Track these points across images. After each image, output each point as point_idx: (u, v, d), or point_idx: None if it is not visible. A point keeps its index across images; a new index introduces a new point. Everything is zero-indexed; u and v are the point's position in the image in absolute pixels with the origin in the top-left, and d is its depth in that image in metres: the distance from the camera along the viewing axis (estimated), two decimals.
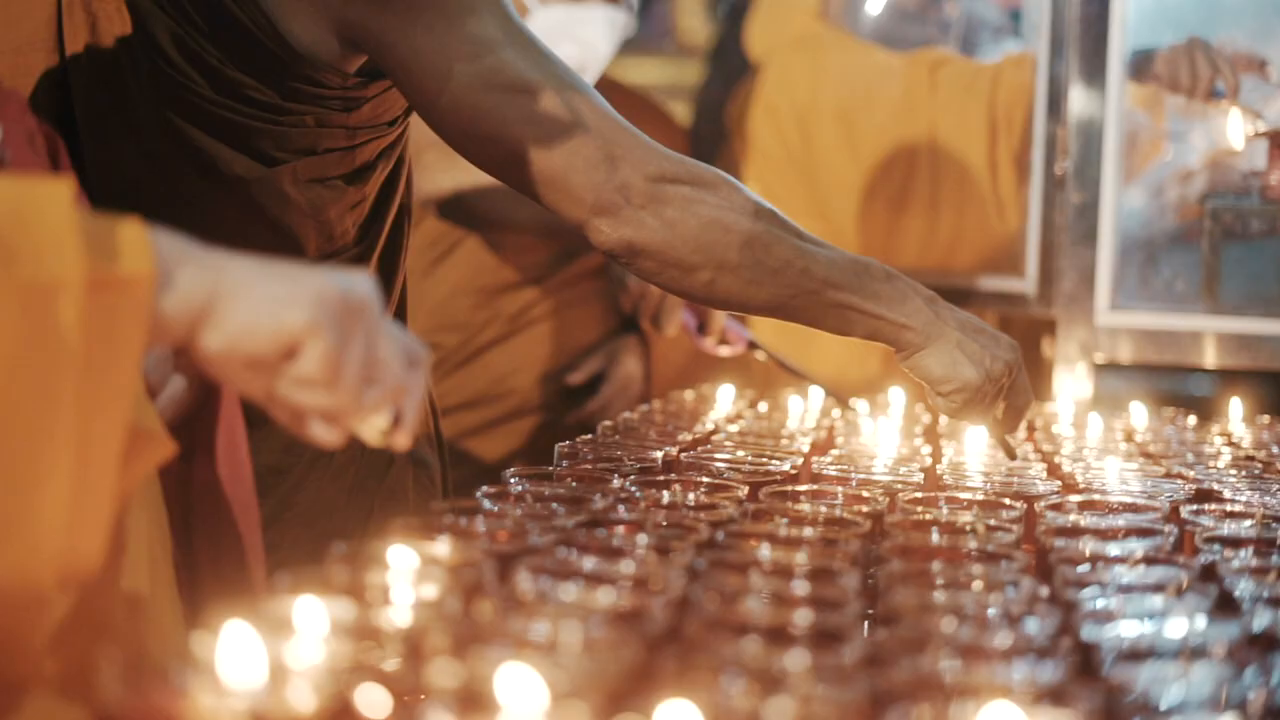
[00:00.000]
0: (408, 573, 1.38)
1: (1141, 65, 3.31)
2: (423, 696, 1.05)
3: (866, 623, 1.39)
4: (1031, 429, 2.62)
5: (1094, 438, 2.54)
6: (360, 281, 1.29)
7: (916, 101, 3.66)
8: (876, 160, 3.68)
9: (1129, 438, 2.59)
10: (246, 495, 1.69)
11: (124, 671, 1.00)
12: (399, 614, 1.25)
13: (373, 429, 1.32)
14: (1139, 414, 2.75)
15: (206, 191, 1.97)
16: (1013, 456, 2.18)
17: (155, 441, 1.31)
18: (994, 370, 2.06)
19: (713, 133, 3.92)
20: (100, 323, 1.16)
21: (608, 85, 3.52)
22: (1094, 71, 3.30)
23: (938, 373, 2.05)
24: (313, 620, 1.19)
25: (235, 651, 1.05)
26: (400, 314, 2.24)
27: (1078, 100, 3.32)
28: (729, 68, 3.97)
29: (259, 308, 1.23)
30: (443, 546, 1.46)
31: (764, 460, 2.11)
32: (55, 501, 1.16)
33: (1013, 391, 2.12)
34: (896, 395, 2.76)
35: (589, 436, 2.30)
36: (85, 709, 1.27)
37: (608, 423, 2.46)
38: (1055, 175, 3.37)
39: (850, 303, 1.99)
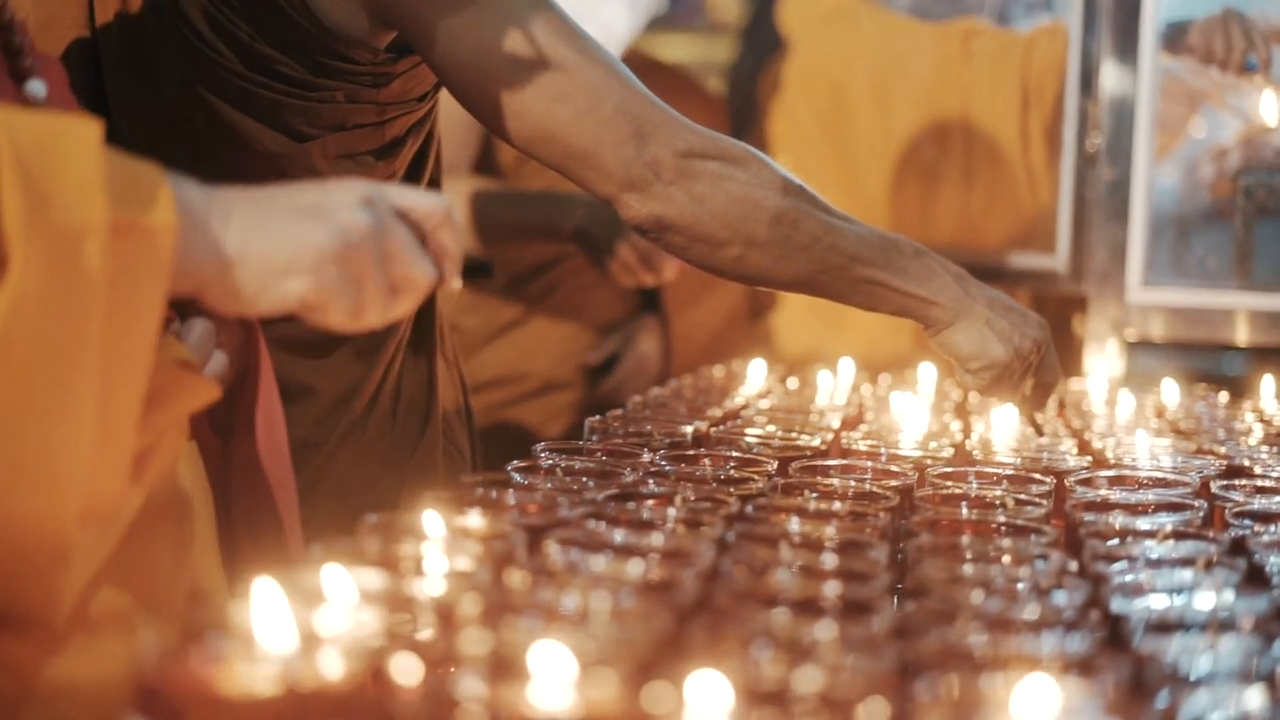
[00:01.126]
0: (439, 544, 1.39)
1: (1174, 36, 3.29)
2: (453, 668, 1.05)
3: (896, 596, 1.39)
4: (1062, 405, 2.62)
5: (1125, 414, 2.54)
6: (355, 215, 1.31)
7: (949, 73, 3.64)
8: (909, 133, 3.67)
9: (1160, 414, 2.59)
10: (284, 471, 1.70)
11: (160, 636, 1.01)
12: (430, 584, 1.26)
13: (419, 291, 1.37)
14: (1171, 391, 2.74)
15: (237, 166, 1.98)
16: (1040, 433, 2.18)
17: (198, 384, 1.33)
18: (1022, 347, 2.06)
19: (745, 108, 3.92)
20: (123, 268, 1.18)
21: (647, 63, 3.53)
22: (1126, 47, 3.29)
23: (966, 350, 2.05)
24: (345, 590, 1.20)
25: (269, 619, 1.06)
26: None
27: (1110, 76, 3.31)
28: (761, 43, 3.97)
29: (264, 277, 1.26)
30: (474, 518, 1.47)
31: (793, 435, 2.12)
32: (79, 442, 1.18)
33: (1041, 369, 2.12)
34: (927, 371, 2.76)
35: (619, 412, 2.31)
36: (126, 650, 1.29)
37: (638, 398, 2.47)
38: (1087, 151, 3.36)
39: (878, 279, 1.99)
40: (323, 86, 1.95)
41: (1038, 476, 1.82)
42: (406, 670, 1.02)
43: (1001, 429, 2.26)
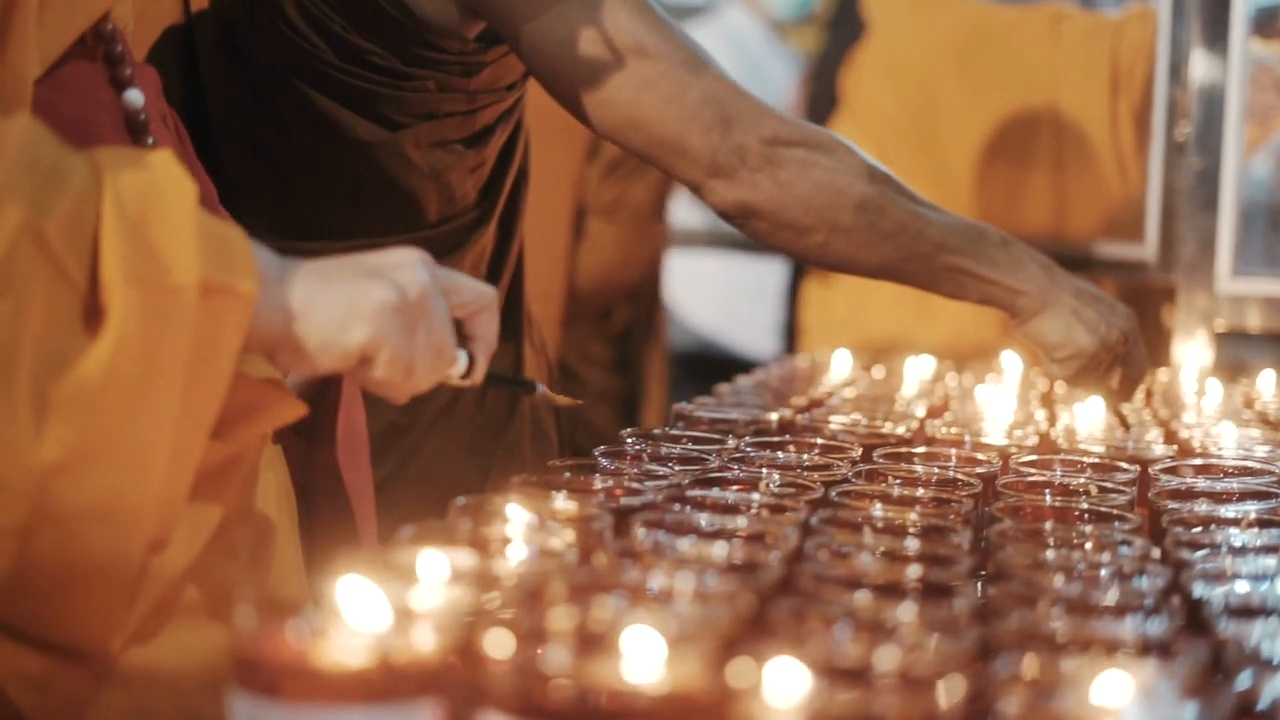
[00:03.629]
0: (527, 525, 1.41)
1: (1265, 22, 3.26)
2: (539, 650, 1.07)
3: (979, 582, 1.40)
4: (1150, 396, 2.61)
5: (1212, 404, 2.53)
6: (412, 274, 1.36)
7: (1037, 57, 3.63)
8: (996, 119, 3.65)
9: (1248, 404, 2.57)
10: (363, 480, 1.74)
11: (258, 610, 1.04)
12: (518, 564, 1.29)
13: (450, 379, 1.44)
14: (1267, 382, 2.72)
15: (330, 155, 2.01)
16: (1127, 426, 2.18)
17: (286, 402, 1.37)
18: (1109, 337, 2.06)
19: (829, 97, 3.92)
20: (207, 328, 1.23)
21: None
22: (1216, 35, 3.26)
23: (1053, 339, 2.05)
24: (435, 569, 1.23)
25: (361, 596, 1.08)
26: (517, 274, 2.27)
27: (1199, 65, 3.29)
28: (845, 32, 3.97)
29: (327, 329, 1.31)
30: (561, 501, 1.50)
31: (878, 423, 2.13)
32: (150, 487, 1.24)
33: (1129, 360, 2.12)
34: (1012, 361, 2.76)
35: (705, 399, 2.33)
36: (214, 639, 1.33)
37: (724, 387, 2.48)
38: (1176, 140, 3.33)
39: (964, 267, 1.99)
40: (414, 76, 1.98)
41: (1122, 465, 1.82)
42: (496, 645, 1.04)
43: (1087, 419, 2.26)
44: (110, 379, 1.19)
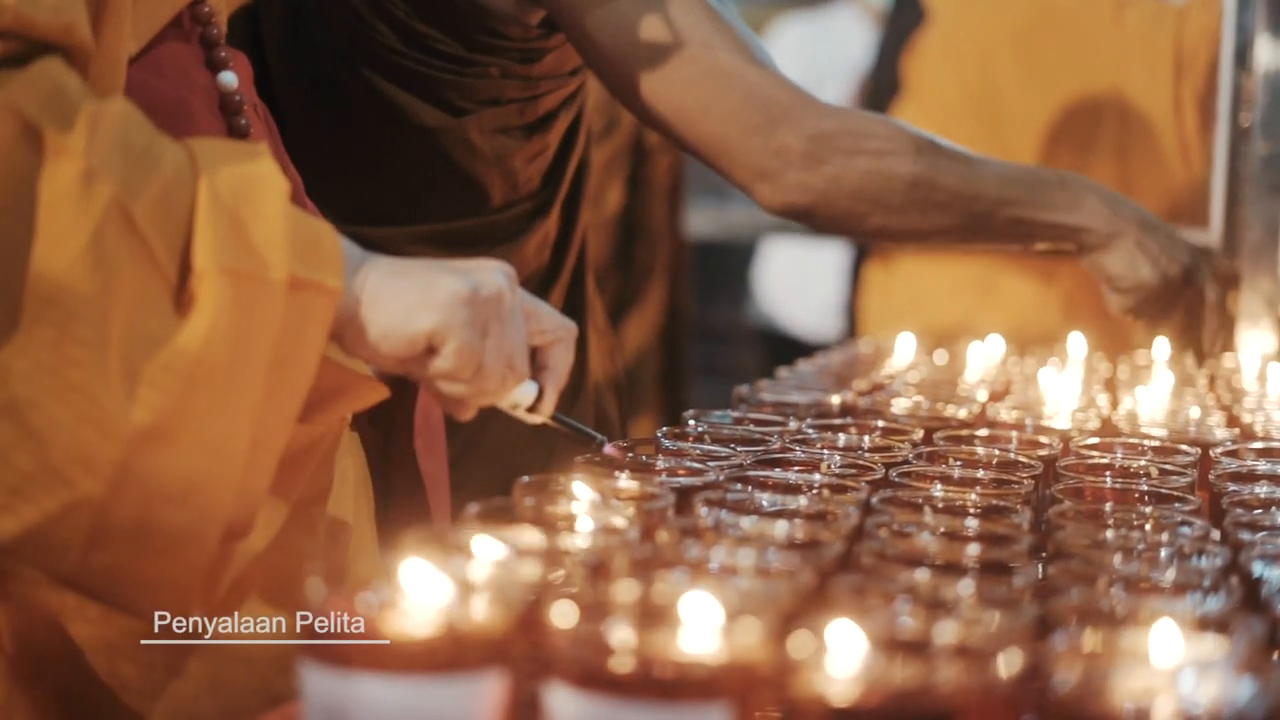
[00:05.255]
0: (591, 503, 1.43)
1: None
2: (605, 617, 1.09)
3: (1039, 564, 1.41)
4: (1213, 380, 2.60)
5: (1277, 390, 2.51)
6: (491, 276, 1.37)
7: (1100, 43, 3.61)
8: (1059, 105, 3.64)
9: None
10: (439, 470, 1.76)
11: (327, 582, 1.07)
12: (582, 540, 1.31)
13: (517, 408, 1.46)
14: None
15: (394, 141, 2.04)
16: (1202, 359, 2.17)
17: (369, 385, 1.39)
18: (1170, 271, 2.07)
19: (890, 84, 3.91)
20: (294, 321, 1.26)
21: None
22: None
23: (1114, 270, 2.07)
24: (500, 545, 1.25)
25: (427, 571, 1.10)
26: (580, 259, 2.29)
27: (1264, 50, 3.26)
28: (905, 20, 3.96)
29: (395, 315, 1.33)
30: (624, 480, 1.51)
31: (940, 407, 2.13)
32: (229, 473, 1.26)
33: (1192, 297, 2.12)
34: (1077, 345, 2.75)
35: (766, 381, 2.34)
36: (290, 615, 1.36)
37: (784, 372, 2.49)
38: (1241, 126, 3.31)
39: (1024, 216, 2.00)
40: (477, 62, 2.00)
41: (1183, 448, 1.82)
42: (560, 617, 1.06)
43: (1150, 401, 2.25)
44: (200, 363, 1.22)
